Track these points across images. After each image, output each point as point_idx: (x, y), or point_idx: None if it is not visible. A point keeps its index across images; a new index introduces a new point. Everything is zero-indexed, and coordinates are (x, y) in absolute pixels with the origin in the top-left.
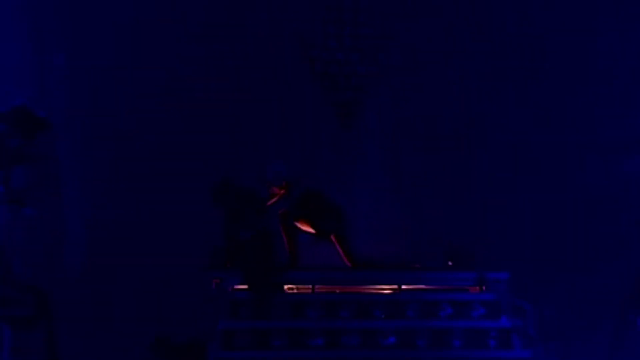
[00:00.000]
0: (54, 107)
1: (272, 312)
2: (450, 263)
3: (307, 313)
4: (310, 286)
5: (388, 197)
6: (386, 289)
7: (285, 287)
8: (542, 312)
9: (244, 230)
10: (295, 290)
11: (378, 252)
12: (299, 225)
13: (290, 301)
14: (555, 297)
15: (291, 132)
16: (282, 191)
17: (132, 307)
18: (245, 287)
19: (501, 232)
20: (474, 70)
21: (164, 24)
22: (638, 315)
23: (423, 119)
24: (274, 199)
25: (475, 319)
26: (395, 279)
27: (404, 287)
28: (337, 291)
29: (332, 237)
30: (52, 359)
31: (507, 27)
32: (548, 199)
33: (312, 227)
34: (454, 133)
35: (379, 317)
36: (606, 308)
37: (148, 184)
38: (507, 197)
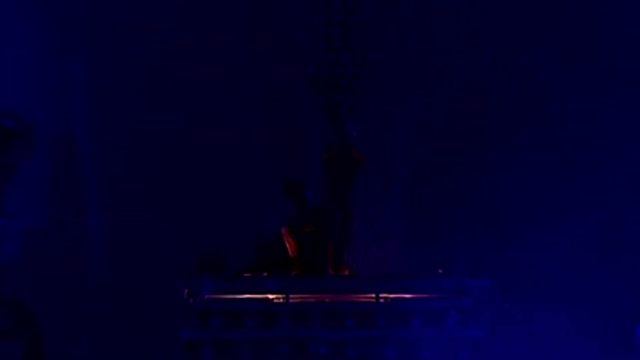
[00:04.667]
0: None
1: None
2: (440, 271)
3: (278, 322)
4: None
5: (381, 203)
6: (364, 297)
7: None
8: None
9: None
10: (271, 300)
11: (371, 260)
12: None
13: (261, 310)
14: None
15: (282, 134)
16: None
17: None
18: None
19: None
20: (469, 70)
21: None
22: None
23: (415, 121)
24: None
25: (450, 327)
26: (374, 287)
27: (381, 295)
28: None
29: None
30: None
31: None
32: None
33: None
34: (449, 134)
35: (349, 326)
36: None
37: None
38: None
